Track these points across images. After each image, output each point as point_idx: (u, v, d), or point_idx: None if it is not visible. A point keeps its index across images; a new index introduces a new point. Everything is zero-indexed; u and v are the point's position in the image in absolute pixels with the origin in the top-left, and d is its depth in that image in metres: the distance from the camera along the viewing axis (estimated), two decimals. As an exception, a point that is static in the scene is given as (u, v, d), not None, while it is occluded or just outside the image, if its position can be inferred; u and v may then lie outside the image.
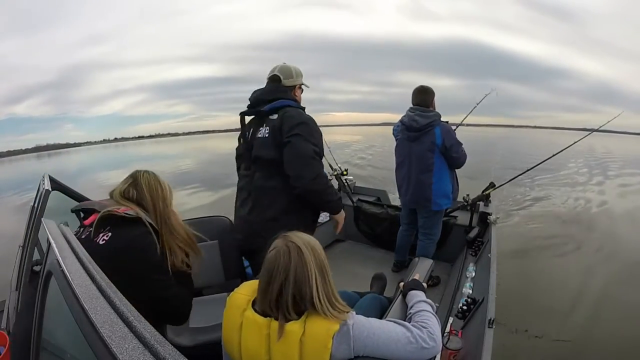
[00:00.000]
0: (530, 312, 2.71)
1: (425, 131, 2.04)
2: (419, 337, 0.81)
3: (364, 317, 0.82)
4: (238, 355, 0.82)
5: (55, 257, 0.64)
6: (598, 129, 2.85)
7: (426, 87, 2.13)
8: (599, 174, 10.60)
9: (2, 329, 1.23)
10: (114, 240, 0.94)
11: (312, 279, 0.76)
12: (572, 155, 13.59)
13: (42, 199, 1.26)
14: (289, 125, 1.30)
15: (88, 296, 0.50)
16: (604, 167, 12.30)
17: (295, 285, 0.75)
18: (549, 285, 3.24)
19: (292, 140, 1.28)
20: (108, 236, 0.95)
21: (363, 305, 1.36)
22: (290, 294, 0.75)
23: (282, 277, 0.76)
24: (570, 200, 7.10)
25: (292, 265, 0.76)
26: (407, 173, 2.20)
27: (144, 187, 1.05)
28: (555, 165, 9.95)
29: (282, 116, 1.34)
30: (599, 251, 4.18)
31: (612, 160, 15.11)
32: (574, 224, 5.33)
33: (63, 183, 1.52)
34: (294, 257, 0.76)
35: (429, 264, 1.45)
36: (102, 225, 0.96)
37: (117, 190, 1.05)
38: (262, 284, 0.79)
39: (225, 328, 0.85)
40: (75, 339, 0.52)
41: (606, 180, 9.73)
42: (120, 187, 1.06)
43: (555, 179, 9.11)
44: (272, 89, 1.43)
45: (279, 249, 0.78)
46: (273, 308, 0.77)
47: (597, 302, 2.90)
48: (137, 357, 0.38)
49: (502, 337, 2.15)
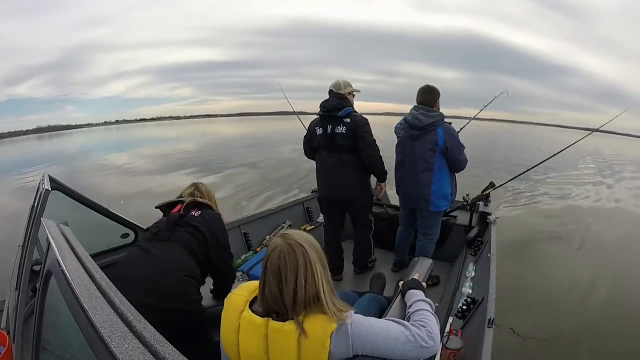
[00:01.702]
0: (531, 312, 2.71)
1: (428, 130, 2.04)
2: (418, 336, 0.81)
3: (362, 317, 0.82)
4: (237, 356, 0.82)
5: (55, 257, 0.65)
6: (599, 129, 2.83)
7: (431, 87, 2.13)
8: (609, 176, 10.52)
9: (2, 329, 1.23)
10: (204, 214, 1.43)
11: (317, 275, 0.77)
12: (580, 156, 13.59)
13: (42, 199, 1.26)
14: (360, 126, 2.12)
15: (88, 296, 0.50)
16: (614, 170, 12.17)
17: (305, 283, 0.76)
18: (550, 285, 3.23)
19: (364, 136, 2.12)
20: (198, 213, 1.42)
21: (362, 305, 1.36)
22: (296, 291, 0.75)
23: (290, 275, 0.76)
24: (578, 199, 7.10)
25: (301, 263, 0.76)
26: (407, 172, 2.20)
27: (204, 192, 1.53)
28: (560, 165, 9.95)
29: (354, 120, 2.12)
30: (602, 250, 4.18)
31: (621, 163, 14.84)
32: (577, 223, 5.32)
33: (63, 183, 1.52)
34: (300, 255, 0.77)
35: (429, 264, 1.45)
36: (191, 208, 1.43)
37: (187, 192, 1.51)
38: (267, 284, 0.78)
39: (224, 330, 0.85)
40: (75, 339, 0.52)
41: (615, 183, 9.60)
42: (188, 190, 1.52)
43: (561, 179, 9.08)
44: (339, 100, 2.17)
45: (281, 248, 0.78)
46: (277, 307, 0.77)
47: (598, 302, 2.90)
48: (137, 357, 0.38)
49: (502, 337, 2.16)
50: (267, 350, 0.78)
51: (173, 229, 1.34)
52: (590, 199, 7.20)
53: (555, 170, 9.49)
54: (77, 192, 1.60)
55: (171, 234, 1.32)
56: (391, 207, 3.01)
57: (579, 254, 4.15)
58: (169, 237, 1.31)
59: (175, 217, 1.36)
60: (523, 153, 15.64)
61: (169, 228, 1.33)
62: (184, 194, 1.51)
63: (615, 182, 9.64)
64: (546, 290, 3.11)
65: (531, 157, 11.33)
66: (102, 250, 1.77)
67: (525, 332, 2.41)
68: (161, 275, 1.20)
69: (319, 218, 3.23)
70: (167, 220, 1.36)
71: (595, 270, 3.55)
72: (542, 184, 8.19)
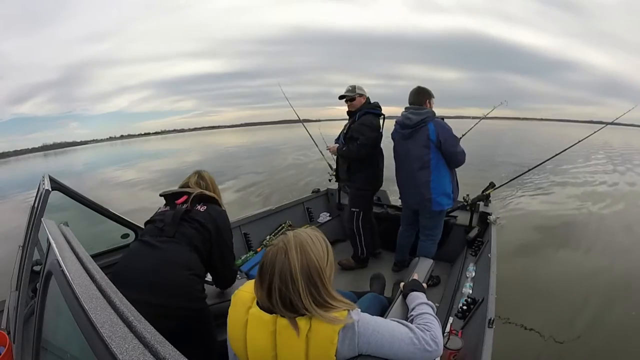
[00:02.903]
0: (533, 311, 2.70)
1: (418, 127, 2.06)
2: (422, 339, 0.81)
3: (369, 315, 0.82)
4: (244, 352, 0.82)
5: (55, 257, 0.65)
6: (612, 122, 2.75)
7: (421, 88, 2.17)
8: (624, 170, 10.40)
9: (2, 329, 1.23)
10: (209, 209, 1.38)
11: (296, 282, 0.74)
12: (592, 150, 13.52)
13: (42, 199, 1.26)
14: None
15: (88, 296, 0.50)
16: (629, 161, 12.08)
17: (280, 287, 0.74)
18: (552, 284, 3.23)
19: None
20: (204, 208, 1.37)
21: (363, 304, 1.36)
22: (277, 294, 0.74)
23: (268, 276, 0.75)
24: (584, 197, 7.10)
25: (277, 268, 0.74)
26: (406, 173, 2.20)
27: (208, 181, 1.50)
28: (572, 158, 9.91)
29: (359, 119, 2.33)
30: (606, 250, 4.17)
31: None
32: (582, 223, 5.32)
33: (63, 183, 1.52)
34: (279, 260, 0.75)
35: (429, 264, 1.45)
36: (197, 201, 1.38)
37: (193, 181, 1.47)
38: (257, 279, 0.79)
39: (231, 325, 0.85)
40: (75, 339, 0.52)
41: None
42: (193, 179, 1.48)
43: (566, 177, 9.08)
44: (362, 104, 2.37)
45: (274, 247, 0.78)
46: (269, 305, 0.77)
47: (600, 302, 2.89)
48: (137, 357, 0.38)
49: (502, 336, 2.15)
50: (275, 346, 0.78)
51: (178, 223, 1.31)
52: (603, 195, 7.14)
53: (568, 163, 9.52)
54: (77, 192, 1.60)
55: (176, 230, 1.29)
56: (391, 207, 3.01)
57: (587, 252, 4.13)
58: (174, 233, 1.28)
59: (181, 212, 1.33)
60: (524, 151, 15.66)
61: (174, 224, 1.30)
62: (190, 183, 1.47)
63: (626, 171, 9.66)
64: (550, 288, 3.11)
65: (535, 155, 11.33)
66: (102, 250, 1.77)
67: (525, 331, 2.41)
68: (166, 272, 1.19)
69: (319, 218, 3.23)
70: (173, 215, 1.32)
71: (601, 267, 3.54)
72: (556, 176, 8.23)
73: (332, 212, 3.33)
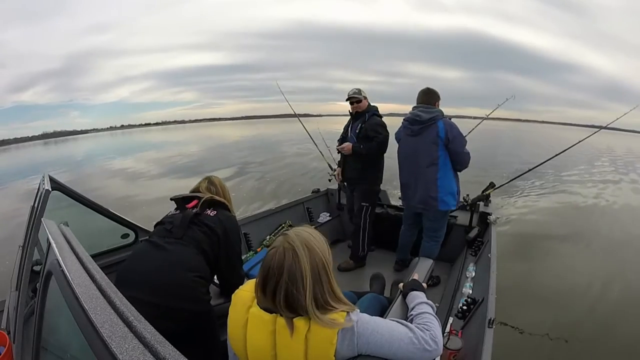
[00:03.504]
0: (533, 311, 2.70)
1: (428, 124, 2.08)
2: (422, 339, 0.81)
3: (368, 315, 0.82)
4: (243, 351, 0.82)
5: (55, 257, 0.64)
6: (606, 126, 2.78)
7: (431, 89, 2.19)
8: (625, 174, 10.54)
9: (2, 329, 1.23)
10: (219, 214, 1.39)
11: (305, 281, 0.74)
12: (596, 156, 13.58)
13: (42, 199, 1.26)
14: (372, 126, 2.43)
15: (88, 296, 0.50)
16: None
17: (287, 288, 0.74)
18: (552, 284, 3.23)
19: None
20: (214, 213, 1.39)
21: (363, 304, 1.36)
22: (282, 295, 0.74)
23: (276, 277, 0.74)
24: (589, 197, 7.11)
25: (285, 268, 0.74)
26: (413, 170, 2.19)
27: (219, 186, 1.50)
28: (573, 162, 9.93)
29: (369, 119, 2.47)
30: (607, 250, 4.18)
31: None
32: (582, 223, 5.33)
33: (63, 183, 1.52)
34: (288, 259, 0.74)
35: (429, 264, 1.45)
36: (207, 206, 1.40)
37: (203, 186, 1.48)
38: (259, 282, 0.78)
39: (231, 325, 0.85)
40: (75, 339, 0.52)
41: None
42: (203, 184, 1.49)
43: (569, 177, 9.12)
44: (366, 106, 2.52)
45: (278, 248, 0.77)
46: (270, 306, 0.77)
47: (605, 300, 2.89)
48: (137, 357, 0.38)
49: (502, 336, 2.16)
50: (274, 345, 0.78)
51: (187, 226, 1.31)
52: (602, 197, 7.19)
53: (570, 167, 9.58)
54: (77, 192, 1.60)
55: (185, 232, 1.30)
56: (391, 207, 3.01)
57: (587, 252, 4.14)
58: (182, 235, 1.29)
59: (190, 215, 1.33)
60: (524, 151, 15.68)
61: (183, 226, 1.30)
62: (201, 188, 1.48)
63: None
64: (551, 288, 3.11)
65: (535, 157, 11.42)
66: (102, 250, 1.77)
67: (525, 331, 2.41)
68: (172, 273, 1.19)
69: (319, 218, 3.23)
70: (182, 218, 1.33)
71: (602, 268, 3.55)
72: (557, 181, 8.28)
73: (332, 212, 3.33)
